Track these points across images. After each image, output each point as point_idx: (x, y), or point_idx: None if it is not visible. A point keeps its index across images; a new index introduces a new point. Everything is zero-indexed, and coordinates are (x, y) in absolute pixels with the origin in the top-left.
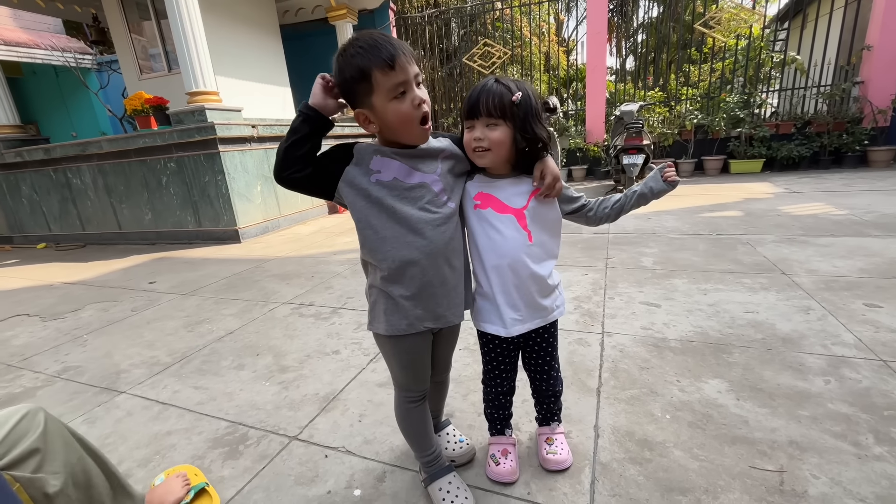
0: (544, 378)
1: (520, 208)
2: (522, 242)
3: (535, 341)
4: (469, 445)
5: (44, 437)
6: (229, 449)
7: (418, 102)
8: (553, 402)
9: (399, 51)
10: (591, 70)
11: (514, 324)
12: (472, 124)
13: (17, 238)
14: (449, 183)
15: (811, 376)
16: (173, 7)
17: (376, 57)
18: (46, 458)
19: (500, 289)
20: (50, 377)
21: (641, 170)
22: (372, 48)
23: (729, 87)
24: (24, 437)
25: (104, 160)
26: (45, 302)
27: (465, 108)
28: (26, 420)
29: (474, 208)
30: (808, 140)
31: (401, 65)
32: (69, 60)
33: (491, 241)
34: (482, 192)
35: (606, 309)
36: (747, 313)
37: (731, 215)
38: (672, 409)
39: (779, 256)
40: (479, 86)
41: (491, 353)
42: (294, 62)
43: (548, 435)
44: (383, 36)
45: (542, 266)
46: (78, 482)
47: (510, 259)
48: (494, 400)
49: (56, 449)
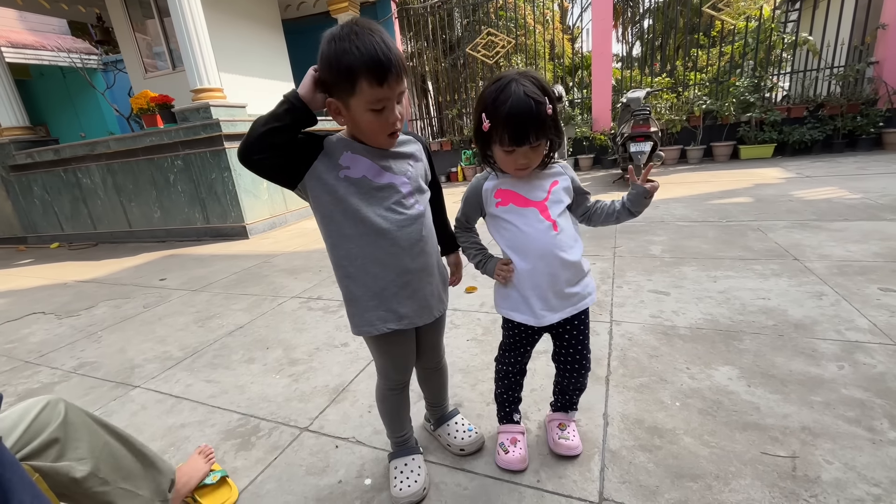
0: (574, 373)
1: (541, 200)
2: (548, 233)
3: (566, 330)
4: (478, 434)
5: (64, 426)
6: (241, 440)
7: (393, 121)
8: (577, 394)
9: (394, 67)
10: (596, 57)
11: (545, 314)
12: (514, 150)
13: (30, 238)
14: (417, 186)
15: (824, 362)
16: (175, 5)
17: (369, 68)
18: (68, 446)
19: (529, 283)
20: (66, 373)
21: (649, 157)
22: (368, 54)
23: (738, 70)
24: (45, 427)
25: (112, 159)
26: (59, 300)
27: (505, 132)
28: (46, 411)
29: (496, 206)
30: (821, 123)
31: (390, 84)
32: (75, 61)
33: (516, 236)
34: (501, 189)
35: (615, 298)
36: (758, 300)
37: (742, 202)
38: (682, 397)
39: (791, 242)
40: (517, 107)
41: (514, 336)
42: (297, 56)
43: (560, 420)
44: (383, 41)
45: (573, 252)
46: (107, 464)
47: (539, 251)
48: (505, 378)
49: (79, 436)
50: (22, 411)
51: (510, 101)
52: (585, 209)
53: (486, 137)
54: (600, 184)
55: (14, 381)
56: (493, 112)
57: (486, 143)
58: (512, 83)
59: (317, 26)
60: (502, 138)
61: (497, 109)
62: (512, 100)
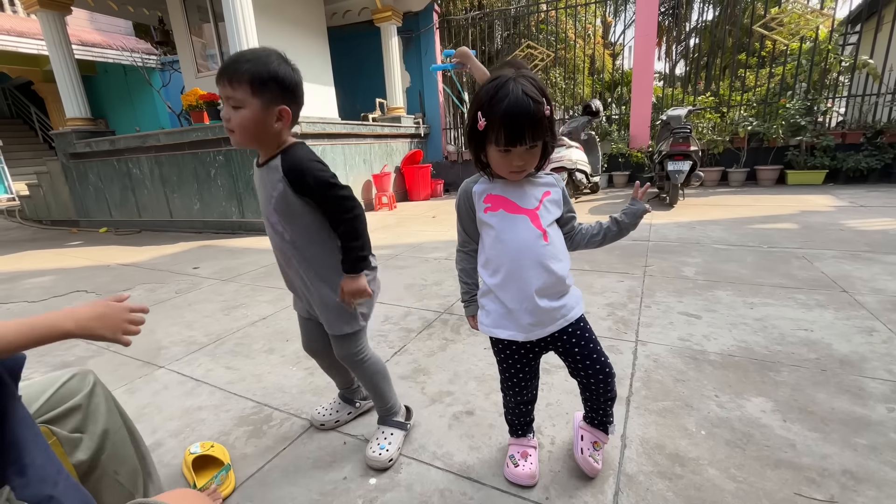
0: (600, 383)
1: (533, 209)
2: (538, 242)
3: (566, 342)
4: (386, 456)
5: (89, 397)
6: (253, 428)
7: (223, 120)
8: (609, 404)
9: (221, 73)
10: (637, 74)
11: (533, 328)
12: (510, 150)
13: (82, 222)
14: (283, 210)
15: (872, 402)
16: (230, 10)
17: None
18: (88, 418)
19: (514, 294)
20: (100, 349)
21: (688, 177)
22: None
23: (790, 92)
24: (71, 396)
25: (161, 152)
26: (101, 280)
27: (501, 131)
28: (75, 380)
29: (485, 212)
30: (879, 151)
31: (218, 84)
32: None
33: (504, 244)
34: (492, 195)
35: (642, 317)
36: (800, 331)
37: (786, 227)
38: (708, 425)
39: (839, 273)
40: (515, 106)
41: (508, 359)
42: (339, 62)
43: (597, 439)
44: (235, 55)
45: (561, 265)
46: (111, 451)
47: (527, 260)
48: (514, 408)
49: (99, 412)
50: (52, 378)
51: (508, 99)
52: (570, 228)
53: (481, 137)
54: None
55: (53, 352)
56: (490, 110)
57: (480, 144)
58: (510, 82)
59: (359, 34)
60: (498, 137)
61: (494, 107)
62: (510, 98)
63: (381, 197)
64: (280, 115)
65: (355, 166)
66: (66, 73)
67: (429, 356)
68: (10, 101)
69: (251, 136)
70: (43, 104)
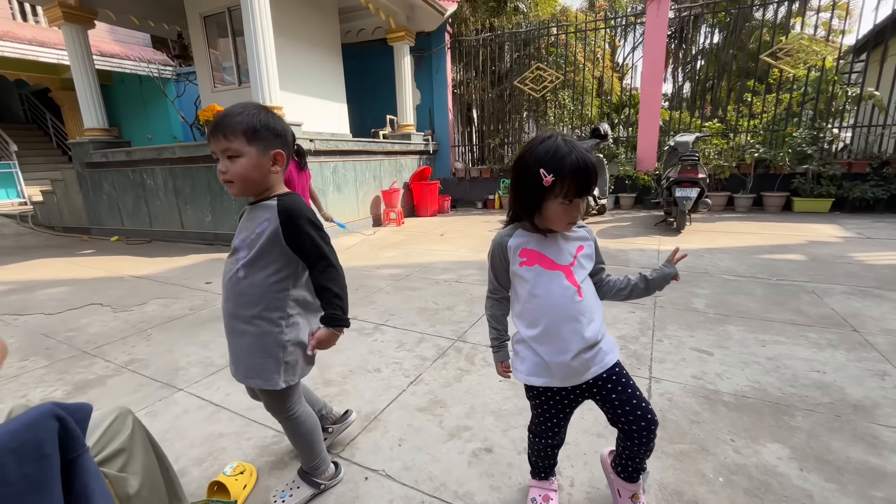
0: (644, 430)
1: (568, 265)
2: (574, 299)
3: (603, 387)
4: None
5: (131, 438)
6: (275, 459)
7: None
8: (647, 455)
9: (214, 129)
10: (645, 98)
11: (567, 378)
12: (572, 202)
13: (94, 230)
14: (253, 246)
15: (886, 452)
16: (250, 30)
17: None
18: (131, 459)
19: (551, 349)
20: (119, 367)
21: (695, 204)
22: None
23: (796, 120)
24: (116, 437)
25: (176, 164)
26: (115, 293)
27: (574, 182)
28: (118, 421)
29: (520, 266)
30: (885, 181)
31: (212, 139)
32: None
33: (539, 299)
34: (527, 249)
35: (654, 352)
36: (812, 372)
37: (794, 258)
38: (726, 472)
39: (849, 310)
40: (584, 159)
41: (543, 405)
42: (352, 79)
43: (634, 491)
44: (223, 113)
45: (594, 321)
46: (151, 485)
47: (562, 316)
48: (541, 451)
49: (139, 451)
50: (97, 419)
51: (574, 154)
52: (599, 280)
53: (540, 193)
54: (641, 224)
55: (72, 369)
56: (557, 165)
57: (535, 200)
58: (558, 138)
59: (373, 52)
60: (568, 191)
61: (561, 162)
62: (575, 153)
63: (389, 213)
64: (275, 158)
65: (365, 182)
66: (86, 85)
67: (444, 387)
68: (26, 106)
69: (250, 182)
70: (59, 111)
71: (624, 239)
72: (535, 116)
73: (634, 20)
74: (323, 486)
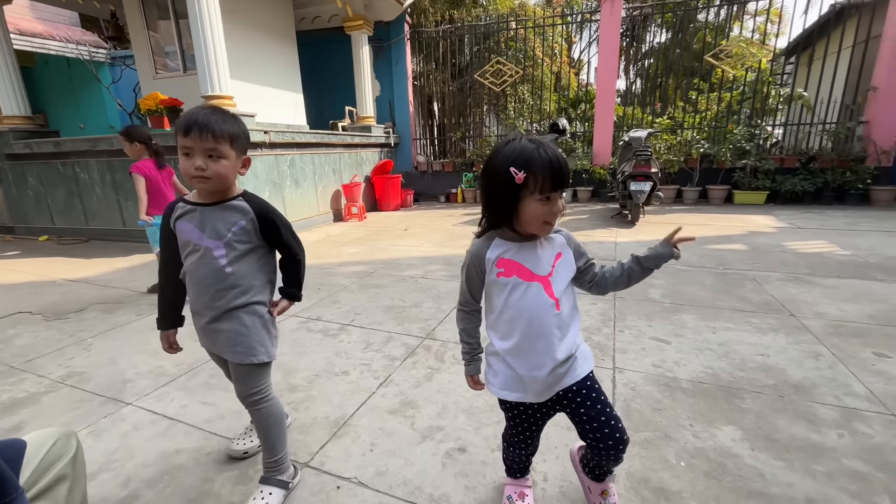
0: (611, 450)
1: (546, 275)
2: (551, 311)
3: (570, 400)
4: None
5: (73, 463)
6: (239, 472)
7: (191, 169)
8: (615, 462)
9: (202, 128)
10: (600, 95)
11: (541, 393)
12: (549, 197)
13: (18, 229)
14: (237, 243)
15: (824, 429)
16: (195, 12)
17: (179, 123)
18: (74, 485)
19: (525, 363)
20: (54, 382)
21: (648, 196)
22: (184, 116)
23: (735, 117)
24: (56, 462)
25: (114, 156)
26: (47, 299)
27: (548, 177)
28: (59, 444)
29: (497, 276)
30: (812, 175)
31: (192, 136)
32: (83, 53)
33: (515, 310)
34: (505, 259)
35: (616, 343)
36: (758, 356)
37: (737, 248)
38: (686, 456)
39: (786, 296)
40: (555, 154)
41: (516, 418)
42: (308, 68)
43: (603, 488)
44: (203, 112)
45: (571, 333)
46: None
47: (538, 330)
48: (516, 458)
49: (81, 477)
50: (37, 444)
51: (541, 149)
52: (592, 276)
53: (514, 193)
54: (598, 217)
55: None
56: (526, 162)
57: (510, 202)
58: (522, 138)
59: (330, 40)
60: (543, 185)
61: (530, 158)
62: (542, 148)
63: (350, 207)
64: (244, 163)
65: (325, 176)
66: (2, 66)
67: (415, 387)
68: None
69: (224, 181)
70: None
71: (583, 231)
72: (496, 110)
73: (590, 17)
74: (290, 485)
